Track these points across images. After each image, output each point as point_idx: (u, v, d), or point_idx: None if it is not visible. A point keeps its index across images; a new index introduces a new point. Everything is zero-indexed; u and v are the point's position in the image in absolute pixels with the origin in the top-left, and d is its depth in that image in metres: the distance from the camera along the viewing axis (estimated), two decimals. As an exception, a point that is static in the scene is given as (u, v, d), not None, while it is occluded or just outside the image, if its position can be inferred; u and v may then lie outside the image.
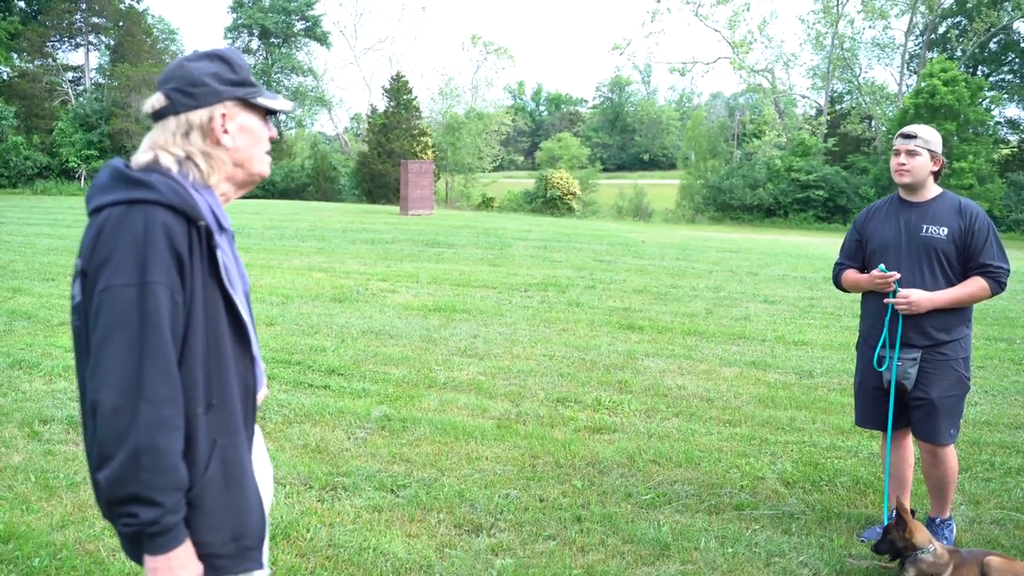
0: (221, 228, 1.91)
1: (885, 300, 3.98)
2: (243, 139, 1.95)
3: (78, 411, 5.67)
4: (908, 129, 4.01)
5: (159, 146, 1.88)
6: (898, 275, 3.95)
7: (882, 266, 4.00)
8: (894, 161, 4.03)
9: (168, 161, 1.86)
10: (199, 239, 1.80)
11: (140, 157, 1.88)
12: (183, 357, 1.76)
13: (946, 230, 3.91)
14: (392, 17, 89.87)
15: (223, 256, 1.86)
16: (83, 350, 1.79)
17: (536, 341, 8.25)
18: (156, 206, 1.74)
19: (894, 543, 3.53)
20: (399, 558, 3.84)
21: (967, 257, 3.92)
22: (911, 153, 3.96)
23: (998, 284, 3.92)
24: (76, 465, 4.81)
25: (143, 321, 1.69)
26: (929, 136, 3.97)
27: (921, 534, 3.51)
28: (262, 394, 2.12)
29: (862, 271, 4.18)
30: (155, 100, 1.90)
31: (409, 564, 3.81)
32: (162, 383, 1.69)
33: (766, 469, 5.06)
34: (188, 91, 1.88)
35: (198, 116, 1.88)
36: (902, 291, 3.93)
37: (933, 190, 4.05)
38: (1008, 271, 3.96)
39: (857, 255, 4.24)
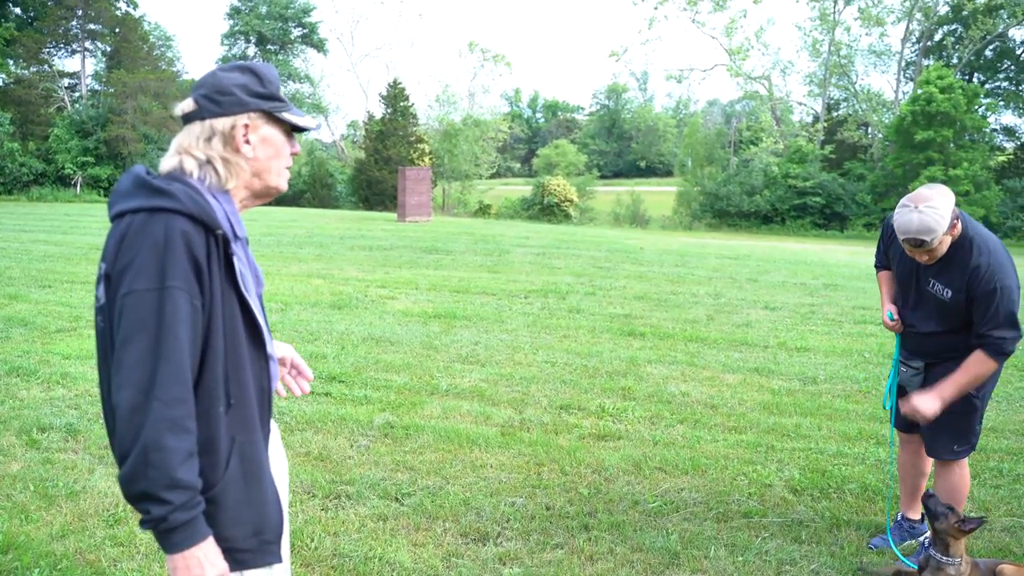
0: (236, 235, 1.97)
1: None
2: (264, 151, 2.02)
3: (76, 419, 5.64)
4: (915, 236, 3.48)
5: (184, 149, 1.96)
6: (899, 328, 3.97)
7: (891, 313, 3.96)
8: (913, 254, 3.64)
9: (190, 165, 1.94)
10: (216, 246, 1.87)
11: (166, 163, 1.97)
12: (205, 359, 1.85)
13: (950, 292, 3.65)
14: (389, 24, 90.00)
15: (239, 263, 1.93)
16: (106, 350, 1.86)
17: (537, 348, 8.20)
18: (176, 214, 1.81)
19: (944, 518, 3.47)
20: (405, 567, 3.79)
21: (972, 319, 3.64)
22: (930, 251, 3.57)
23: (999, 354, 3.59)
24: (75, 474, 4.75)
25: (160, 324, 1.76)
26: (939, 225, 3.45)
27: (960, 546, 3.48)
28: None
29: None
30: (185, 104, 1.99)
31: (416, 573, 3.75)
32: (174, 383, 1.75)
33: (773, 476, 5.01)
34: (215, 99, 1.96)
35: (221, 123, 1.96)
36: (913, 401, 3.71)
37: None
38: (1015, 338, 3.57)
39: (885, 261, 4.08)
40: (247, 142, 1.98)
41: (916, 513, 4.29)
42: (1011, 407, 6.63)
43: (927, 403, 3.65)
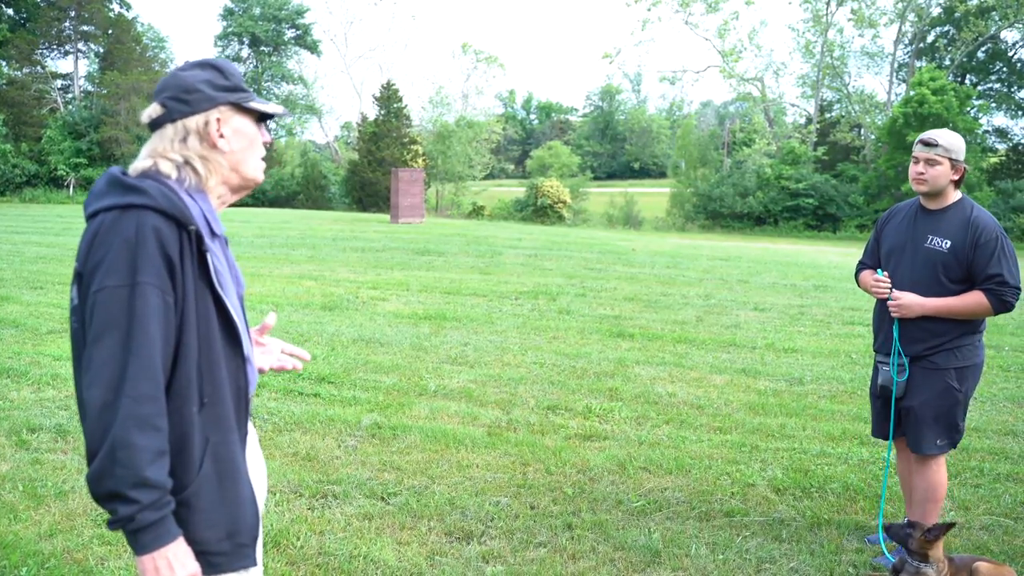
0: (213, 234, 1.96)
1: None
2: (238, 142, 2.02)
3: (66, 420, 5.67)
4: (928, 136, 3.82)
5: (158, 154, 1.95)
6: (889, 283, 3.92)
7: (880, 270, 3.98)
8: (912, 169, 3.87)
9: (167, 167, 1.92)
10: (189, 243, 1.84)
11: (140, 164, 1.94)
12: (178, 356, 1.82)
13: (949, 243, 3.79)
14: (382, 25, 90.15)
15: (213, 259, 1.90)
16: (81, 351, 1.83)
17: (526, 349, 8.25)
18: (148, 211, 1.80)
19: (910, 538, 3.51)
20: (390, 566, 3.83)
21: (971, 272, 3.78)
22: (930, 162, 3.80)
23: (1000, 301, 3.74)
24: (64, 474, 4.78)
25: (131, 320, 1.75)
26: (951, 144, 3.79)
27: (938, 550, 3.51)
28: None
29: (875, 268, 4.15)
30: (151, 110, 1.97)
31: (400, 572, 3.80)
32: (144, 380, 1.73)
33: (756, 476, 5.07)
34: (183, 98, 1.95)
35: (194, 121, 1.95)
36: (895, 292, 3.89)
37: (952, 197, 3.90)
38: (1016, 289, 3.74)
39: (875, 255, 4.19)
40: (222, 136, 1.97)
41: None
42: (994, 407, 6.70)
43: (912, 298, 3.83)
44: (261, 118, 2.10)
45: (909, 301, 3.84)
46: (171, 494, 1.79)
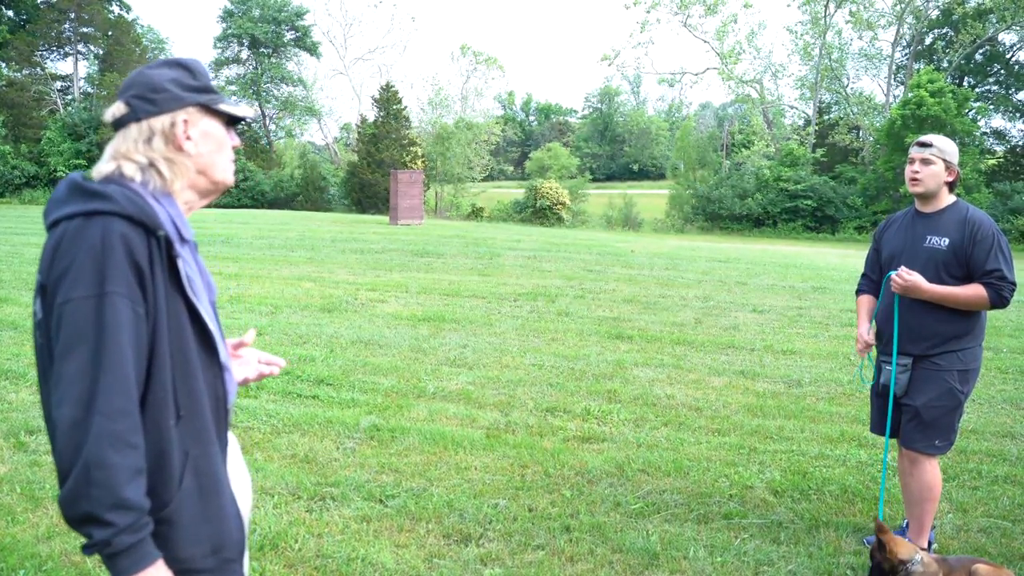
0: (183, 239, 1.87)
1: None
2: (206, 145, 1.93)
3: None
4: (924, 138, 3.98)
5: (121, 155, 1.85)
6: (872, 343, 4.13)
7: (893, 271, 3.97)
8: (908, 170, 3.99)
9: (131, 170, 1.83)
10: (159, 249, 1.76)
11: (103, 167, 1.85)
12: (152, 368, 1.74)
13: (947, 240, 3.89)
14: (382, 27, 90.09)
15: (184, 266, 1.82)
16: (46, 369, 1.75)
17: (525, 351, 8.25)
18: (114, 217, 1.71)
19: (881, 565, 3.51)
20: (388, 568, 3.84)
21: (970, 268, 3.86)
22: (925, 162, 3.93)
23: (998, 296, 3.82)
24: (63, 476, 4.78)
25: (100, 333, 1.66)
26: (944, 146, 3.92)
27: (904, 548, 3.50)
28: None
29: (878, 282, 4.24)
30: (116, 109, 1.89)
31: (398, 574, 3.80)
32: (117, 395, 1.65)
33: (755, 478, 5.07)
34: (149, 97, 1.87)
35: (160, 122, 1.87)
36: (903, 269, 3.91)
37: (946, 200, 4.01)
38: (1012, 285, 3.84)
39: (876, 265, 4.30)
40: (188, 138, 1.89)
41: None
42: (992, 409, 6.71)
43: (918, 278, 3.87)
44: (231, 121, 2.02)
45: (915, 280, 3.87)
46: (152, 511, 1.72)
